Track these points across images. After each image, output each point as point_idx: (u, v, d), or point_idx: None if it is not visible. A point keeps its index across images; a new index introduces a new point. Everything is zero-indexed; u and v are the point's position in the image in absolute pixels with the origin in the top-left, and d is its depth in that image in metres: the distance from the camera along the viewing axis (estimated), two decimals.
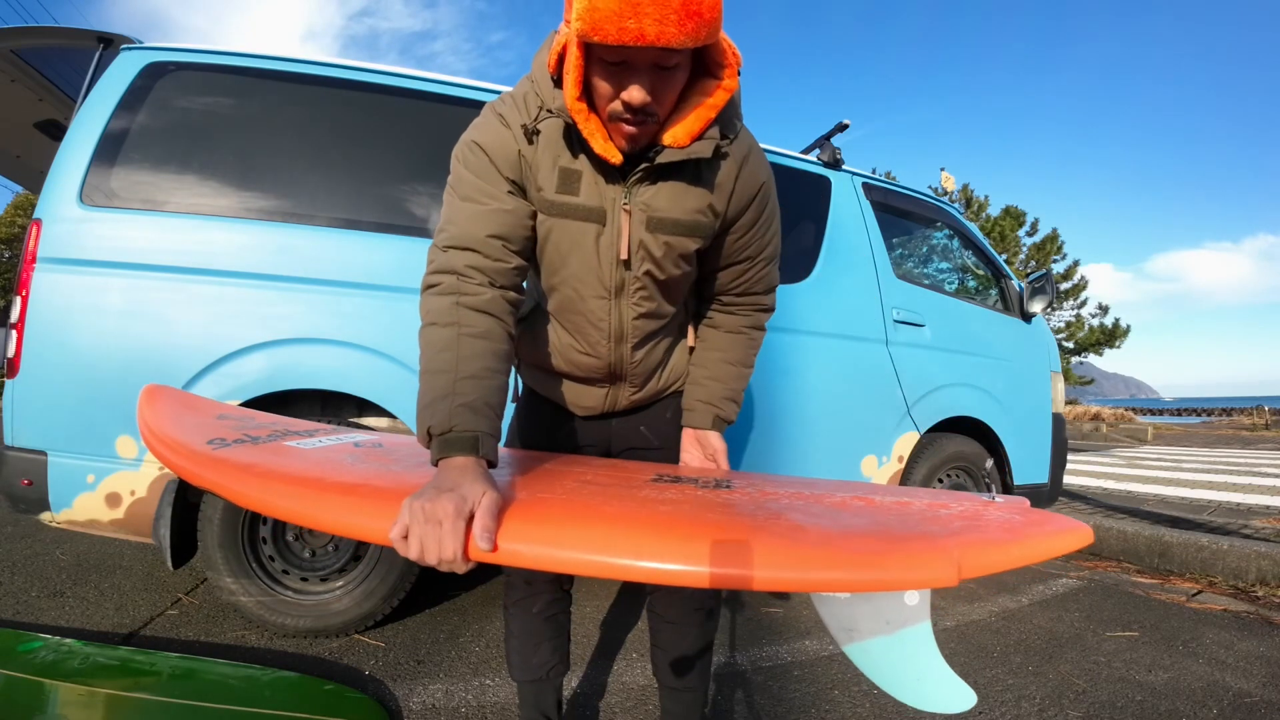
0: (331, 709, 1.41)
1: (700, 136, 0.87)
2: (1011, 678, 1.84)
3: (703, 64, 0.85)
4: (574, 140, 0.89)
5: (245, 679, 1.51)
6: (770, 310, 1.14)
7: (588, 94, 0.83)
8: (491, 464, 0.80)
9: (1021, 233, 22.73)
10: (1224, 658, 1.99)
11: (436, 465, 0.78)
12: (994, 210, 23.27)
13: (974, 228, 3.22)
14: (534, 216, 0.95)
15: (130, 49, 1.96)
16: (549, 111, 0.88)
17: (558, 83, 0.87)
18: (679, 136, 0.85)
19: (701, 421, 1.10)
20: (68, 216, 1.78)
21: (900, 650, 0.74)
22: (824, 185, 2.69)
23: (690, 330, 1.16)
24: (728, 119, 0.91)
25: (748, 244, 1.02)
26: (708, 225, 0.96)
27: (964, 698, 0.71)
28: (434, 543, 0.66)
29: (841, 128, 2.81)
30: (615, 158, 0.86)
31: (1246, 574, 2.78)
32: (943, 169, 3.38)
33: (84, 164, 1.81)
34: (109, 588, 2.20)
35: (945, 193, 3.32)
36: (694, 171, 0.92)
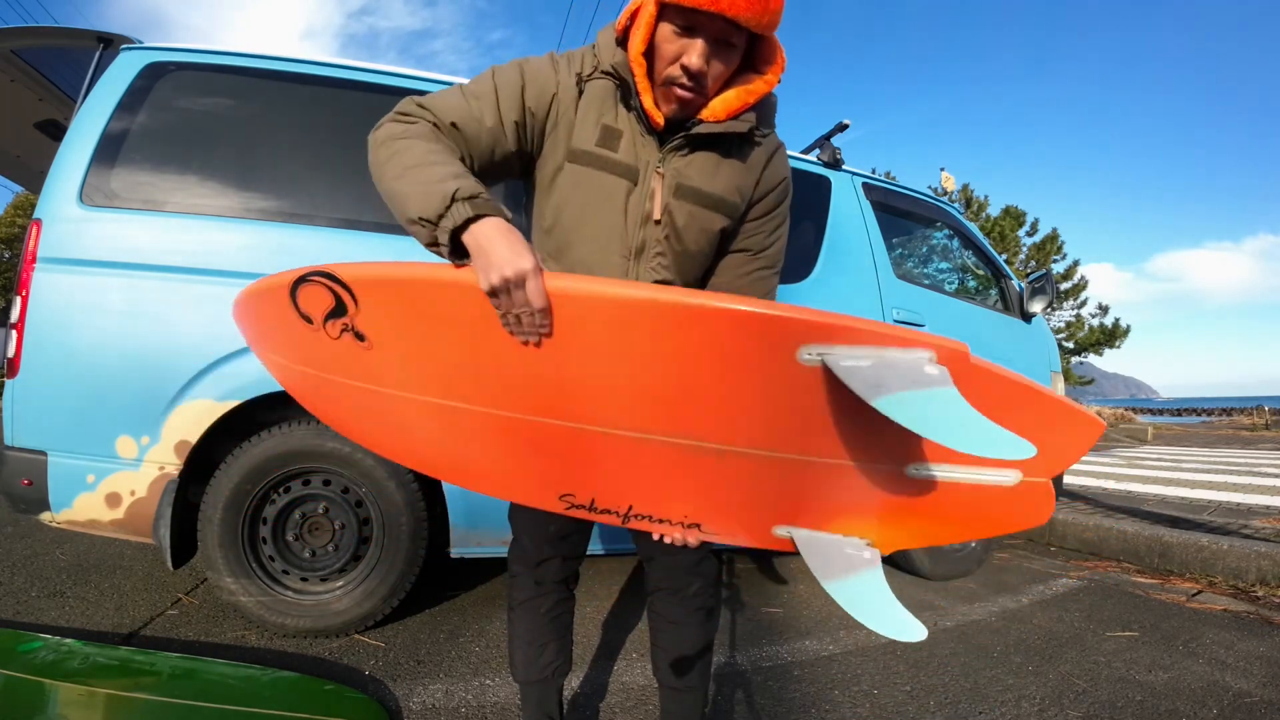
0: (331, 709, 1.41)
1: (736, 117, 0.93)
2: (1011, 678, 1.84)
3: (751, 61, 0.92)
4: (622, 99, 0.94)
5: (245, 679, 1.51)
6: None
7: (648, 56, 0.90)
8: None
9: (1021, 233, 22.71)
10: (1224, 658, 1.99)
11: (465, 227, 0.77)
12: (994, 210, 23.26)
13: (974, 228, 3.22)
14: (512, 156, 0.96)
15: (130, 49, 1.96)
16: (604, 72, 0.94)
17: (621, 44, 0.93)
18: (716, 111, 0.91)
19: None
20: (68, 216, 1.78)
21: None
22: (824, 185, 2.69)
23: None
24: (765, 114, 0.98)
25: (754, 231, 1.04)
26: (733, 206, 0.99)
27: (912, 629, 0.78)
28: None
29: (841, 128, 2.81)
30: (659, 117, 0.91)
31: (1246, 574, 2.78)
32: (943, 169, 3.38)
33: (84, 164, 1.81)
34: (109, 588, 2.20)
35: (945, 193, 3.32)
36: (727, 148, 0.97)
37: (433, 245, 0.81)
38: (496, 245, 0.75)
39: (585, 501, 0.98)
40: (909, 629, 0.77)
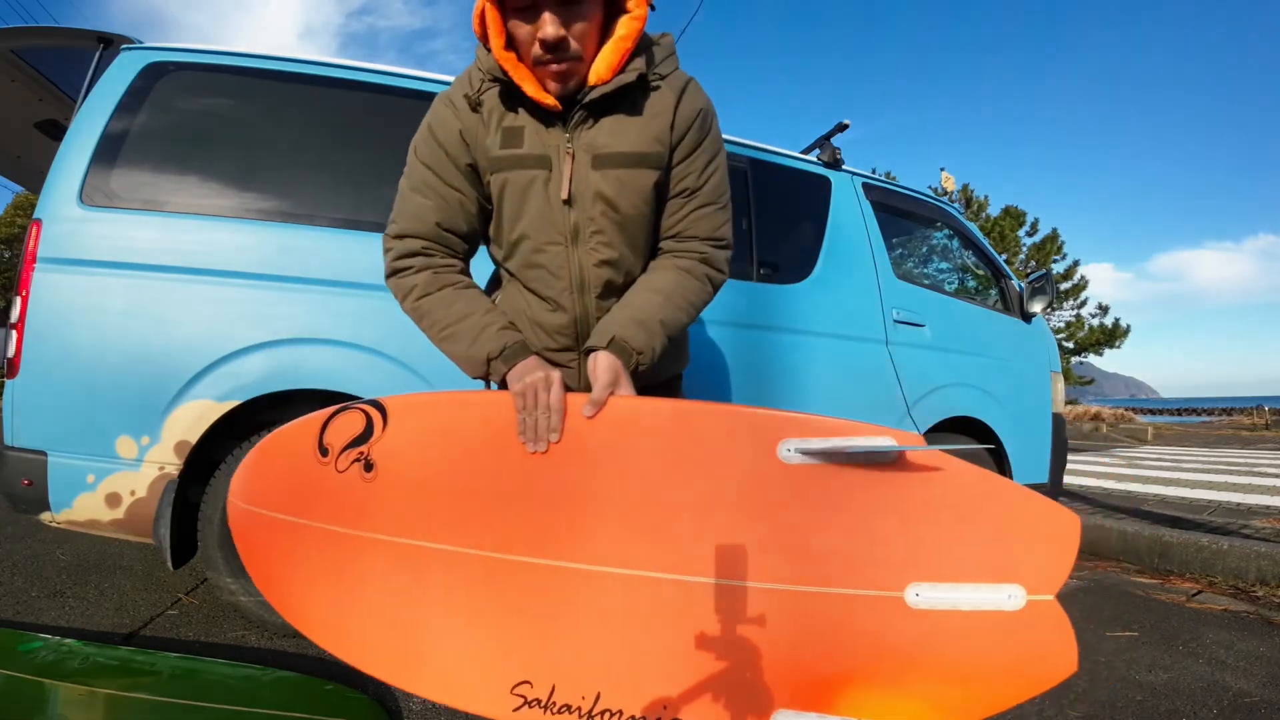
0: (331, 709, 1.41)
1: (622, 69, 0.92)
2: None
3: (617, 5, 0.92)
4: (511, 97, 0.95)
5: (245, 679, 1.51)
6: (714, 265, 1.07)
7: (516, 50, 0.91)
8: None
9: (1021, 233, 22.74)
10: (1224, 658, 1.98)
11: (505, 378, 0.94)
12: (994, 210, 23.28)
13: (974, 228, 3.23)
14: (482, 201, 1.02)
15: (130, 49, 1.96)
16: (490, 82, 0.95)
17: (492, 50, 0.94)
18: (600, 72, 0.91)
19: (597, 342, 0.97)
20: (68, 216, 1.78)
21: None
22: (824, 185, 2.69)
23: None
24: (653, 55, 0.97)
25: (685, 173, 1.02)
26: (657, 155, 0.98)
27: None
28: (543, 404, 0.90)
29: (841, 128, 2.81)
30: (548, 100, 0.92)
31: (1246, 574, 2.78)
32: (943, 169, 3.38)
33: (84, 164, 1.80)
34: (109, 588, 2.20)
35: (945, 193, 3.32)
36: (630, 103, 0.96)
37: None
38: (528, 368, 0.93)
39: (543, 694, 0.88)
40: None
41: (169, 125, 1.90)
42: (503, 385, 0.96)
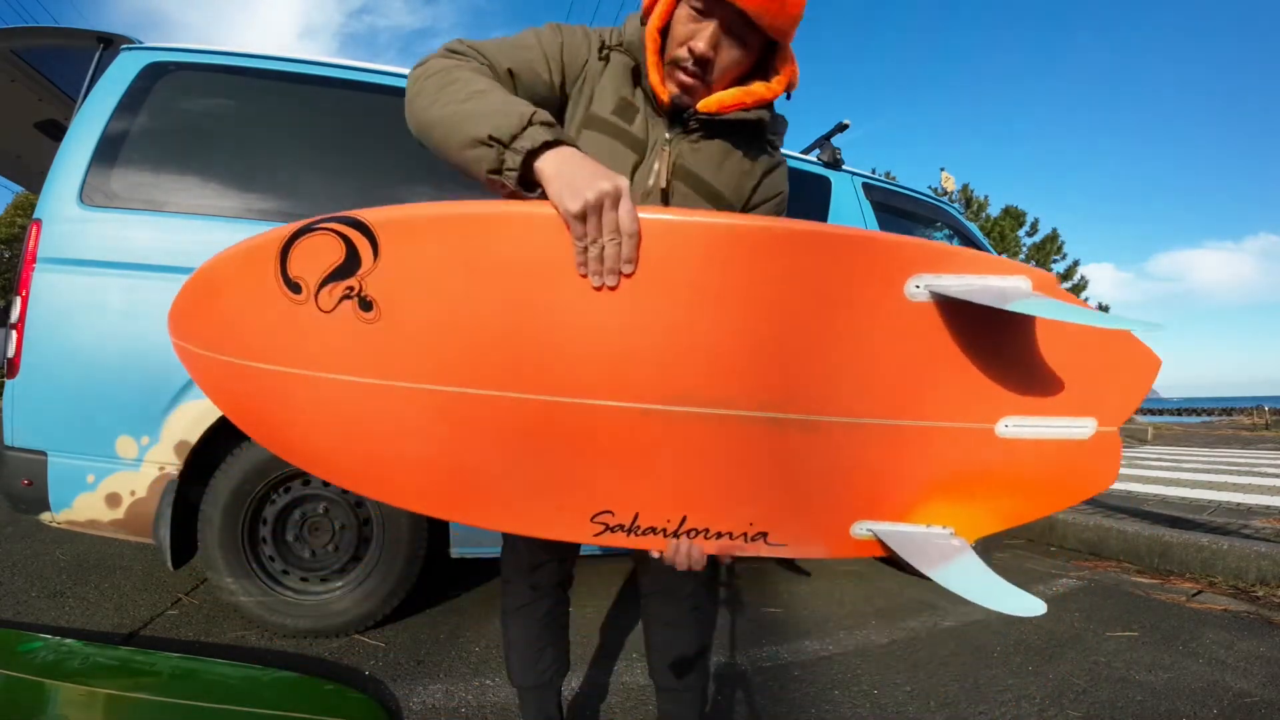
0: (331, 709, 1.41)
1: (748, 109, 0.91)
2: (1011, 678, 1.84)
3: (764, 71, 0.93)
4: (634, 75, 0.94)
5: (245, 679, 1.51)
6: None
7: (664, 35, 0.90)
8: None
9: (1021, 233, 22.72)
10: (1224, 658, 1.98)
11: (540, 152, 0.71)
12: (994, 210, 23.26)
13: (974, 228, 3.22)
14: (547, 106, 0.92)
15: (130, 49, 1.96)
16: (624, 48, 0.94)
17: (645, 22, 0.93)
18: (710, 104, 0.90)
19: None
20: (68, 216, 1.78)
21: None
22: (824, 185, 2.69)
23: None
24: (775, 124, 0.98)
25: None
26: (728, 205, 0.98)
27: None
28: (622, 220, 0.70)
29: (841, 128, 2.81)
30: (662, 94, 0.91)
31: (1246, 574, 2.78)
32: (943, 169, 3.38)
33: (84, 164, 1.80)
34: (109, 588, 2.20)
35: (945, 193, 3.32)
36: (738, 143, 0.96)
37: (496, 173, 0.73)
38: (583, 165, 0.69)
39: (625, 520, 0.82)
40: (1027, 604, 0.73)
41: (169, 125, 1.90)
42: (522, 187, 0.75)
